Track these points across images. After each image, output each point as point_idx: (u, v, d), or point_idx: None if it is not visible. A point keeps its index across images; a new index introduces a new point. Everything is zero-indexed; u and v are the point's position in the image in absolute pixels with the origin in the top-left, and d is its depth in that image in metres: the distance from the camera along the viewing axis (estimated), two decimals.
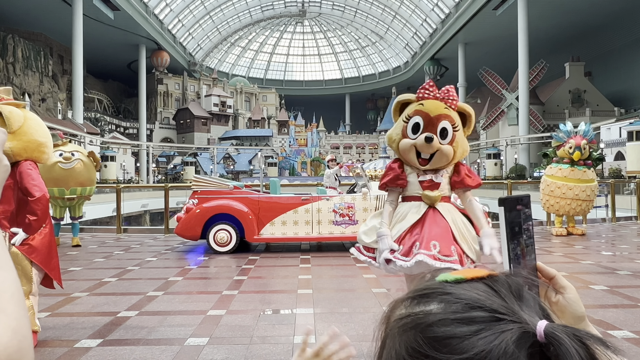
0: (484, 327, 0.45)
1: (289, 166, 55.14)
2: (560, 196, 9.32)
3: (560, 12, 41.24)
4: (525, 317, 0.47)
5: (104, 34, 46.46)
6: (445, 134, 2.92)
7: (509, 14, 40.05)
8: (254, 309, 4.60)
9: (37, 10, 41.27)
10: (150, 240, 10.00)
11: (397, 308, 0.54)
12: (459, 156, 3.03)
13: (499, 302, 0.48)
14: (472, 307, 0.47)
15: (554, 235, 9.75)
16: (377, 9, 64.26)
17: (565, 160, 9.37)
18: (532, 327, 0.45)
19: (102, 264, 7.05)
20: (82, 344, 3.62)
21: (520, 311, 0.47)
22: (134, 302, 4.87)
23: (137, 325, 4.09)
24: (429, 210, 3.00)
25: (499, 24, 43.32)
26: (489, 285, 0.51)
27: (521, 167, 38.97)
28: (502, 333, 0.44)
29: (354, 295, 5.12)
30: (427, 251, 2.82)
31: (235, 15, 67.37)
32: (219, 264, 7.14)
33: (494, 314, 0.46)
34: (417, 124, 2.94)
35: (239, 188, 8.53)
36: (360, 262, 6.92)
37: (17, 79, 42.18)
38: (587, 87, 47.11)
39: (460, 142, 3.00)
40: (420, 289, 0.52)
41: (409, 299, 0.52)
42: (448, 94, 2.97)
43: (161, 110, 64.00)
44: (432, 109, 2.91)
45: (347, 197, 8.40)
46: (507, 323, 0.45)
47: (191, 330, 3.91)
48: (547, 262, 3.93)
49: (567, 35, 46.80)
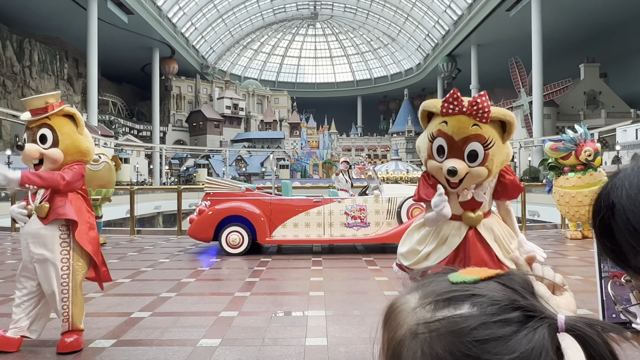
0: (521, 326, 0.47)
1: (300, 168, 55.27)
2: (578, 205, 9.20)
3: (575, 13, 40.76)
4: (547, 312, 0.49)
5: (118, 37, 46.97)
6: (475, 156, 2.55)
7: (522, 15, 39.67)
8: (265, 310, 4.60)
9: (53, 14, 41.88)
10: (163, 241, 10.08)
11: (410, 312, 0.53)
12: (495, 171, 2.69)
13: (523, 300, 0.50)
14: (507, 308, 0.48)
15: (568, 238, 9.64)
16: (389, 11, 64.15)
17: (579, 167, 9.21)
18: (555, 320, 0.48)
19: (115, 265, 7.11)
20: (97, 344, 3.66)
21: (541, 307, 0.50)
22: (147, 302, 4.90)
23: (150, 326, 4.12)
24: (470, 232, 2.77)
25: (513, 25, 42.91)
26: (504, 284, 0.52)
27: (535, 170, 38.53)
28: (537, 329, 0.47)
29: (366, 298, 5.10)
30: None
31: (248, 18, 67.72)
32: (231, 266, 7.16)
33: (525, 312, 0.48)
34: (440, 147, 2.60)
35: (251, 190, 8.56)
36: (374, 265, 6.93)
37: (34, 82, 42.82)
38: (603, 88, 46.51)
39: (497, 156, 2.61)
40: (443, 292, 0.52)
41: (431, 302, 0.52)
42: (478, 107, 2.48)
43: (174, 113, 64.52)
44: (456, 131, 2.51)
45: (359, 199, 8.39)
46: (537, 320, 0.48)
47: (204, 332, 3.93)
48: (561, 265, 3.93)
49: (581, 36, 46.21)
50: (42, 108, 3.49)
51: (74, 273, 3.53)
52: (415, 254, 2.83)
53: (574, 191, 9.20)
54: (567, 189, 9.32)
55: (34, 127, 3.49)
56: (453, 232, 2.77)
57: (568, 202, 9.35)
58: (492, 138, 2.54)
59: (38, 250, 3.44)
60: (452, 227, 2.77)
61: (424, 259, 2.78)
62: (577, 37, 46.40)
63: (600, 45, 47.46)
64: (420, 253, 2.81)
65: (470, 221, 2.75)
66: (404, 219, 7.91)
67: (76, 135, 3.61)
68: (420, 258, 2.80)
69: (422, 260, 2.79)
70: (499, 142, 2.59)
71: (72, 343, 3.46)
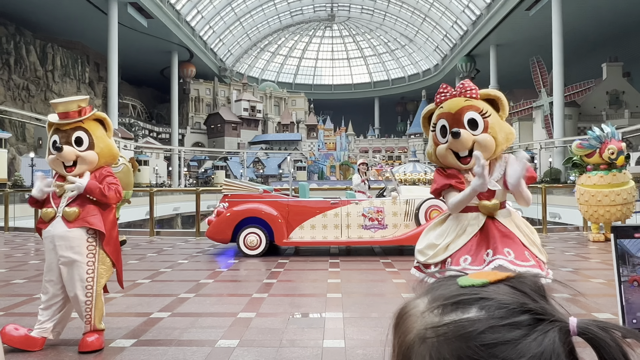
0: (530, 330, 0.46)
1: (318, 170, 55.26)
2: (597, 204, 9.01)
3: (597, 11, 39.97)
4: (558, 315, 0.49)
5: (138, 41, 47.65)
6: (476, 124, 2.70)
7: (542, 14, 39.05)
8: (283, 312, 4.61)
9: (74, 19, 42.68)
10: (182, 242, 10.17)
11: (418, 317, 0.53)
12: (502, 141, 2.76)
13: (533, 304, 0.49)
14: (515, 311, 0.48)
15: (590, 241, 9.45)
16: (406, 12, 63.82)
17: (602, 167, 9.03)
18: (566, 323, 0.48)
19: (135, 266, 7.20)
20: (117, 344, 3.70)
21: (552, 310, 0.49)
22: (166, 303, 4.95)
23: (169, 326, 4.16)
24: (489, 221, 2.77)
25: (533, 25, 42.31)
26: (515, 287, 0.51)
27: (556, 171, 37.90)
28: (547, 333, 0.46)
29: (384, 300, 5.08)
30: (503, 256, 2.60)
31: (265, 20, 68.07)
32: (248, 267, 7.19)
33: (534, 315, 0.48)
34: (443, 127, 2.78)
35: (268, 192, 8.59)
36: (391, 267, 6.89)
37: (56, 86, 43.71)
38: (626, 88, 45.54)
39: (499, 127, 2.75)
40: (451, 296, 0.51)
41: (439, 307, 0.51)
42: (464, 87, 2.78)
43: (192, 115, 65.15)
44: (452, 107, 2.75)
45: (376, 201, 8.36)
46: (547, 323, 0.47)
47: (222, 333, 3.95)
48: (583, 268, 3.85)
49: (604, 35, 45.30)
50: (75, 112, 3.58)
51: (99, 276, 3.61)
52: (433, 248, 2.81)
53: (594, 190, 9.00)
54: (588, 187, 9.12)
55: (68, 130, 3.56)
56: (472, 222, 2.77)
57: (587, 200, 9.14)
58: (487, 109, 2.73)
59: (65, 252, 3.51)
60: (470, 217, 2.78)
61: (443, 251, 2.77)
62: (599, 36, 45.51)
63: (623, 43, 46.49)
64: (439, 246, 2.79)
65: (487, 210, 2.75)
66: (422, 221, 7.84)
67: (107, 139, 3.72)
68: (439, 250, 2.78)
69: (441, 253, 2.78)
70: (495, 115, 2.77)
71: (94, 342, 3.52)
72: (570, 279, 5.98)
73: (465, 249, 2.72)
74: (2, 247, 9.59)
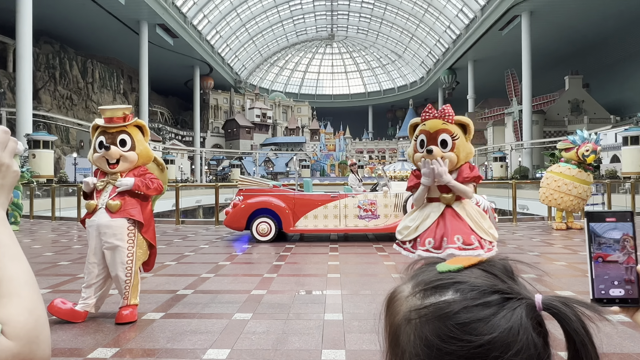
0: (500, 308, 0.46)
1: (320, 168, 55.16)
2: (566, 192, 9.02)
3: (560, 31, 39.80)
4: (524, 293, 0.48)
5: (165, 57, 47.54)
6: (446, 144, 3.11)
7: (513, 34, 38.91)
8: (290, 289, 4.62)
9: (111, 38, 42.63)
10: (203, 230, 10.19)
11: (404, 300, 0.52)
12: (463, 159, 3.19)
13: (502, 284, 0.48)
14: (486, 292, 0.47)
15: (554, 229, 9.44)
16: (396, 32, 63.54)
17: (573, 161, 9.06)
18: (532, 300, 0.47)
19: (163, 250, 7.22)
20: (149, 316, 3.72)
21: (519, 288, 0.48)
22: (190, 282, 4.97)
23: (192, 301, 4.17)
24: (447, 209, 3.21)
25: (505, 43, 42.10)
26: (486, 270, 0.50)
27: (524, 169, 37.83)
28: (515, 310, 0.45)
29: (376, 279, 5.09)
30: (453, 244, 3.05)
31: (274, 39, 67.90)
32: (260, 251, 7.20)
33: (503, 295, 0.47)
34: (422, 140, 3.18)
35: (277, 187, 8.60)
36: (383, 251, 6.90)
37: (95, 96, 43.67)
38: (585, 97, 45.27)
39: (462, 148, 3.14)
40: (430, 281, 0.51)
41: (420, 291, 0.51)
42: (444, 112, 3.13)
43: (212, 121, 65.08)
44: (432, 127, 3.13)
45: (370, 194, 8.35)
46: (515, 301, 0.46)
47: (237, 307, 3.96)
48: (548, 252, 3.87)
49: (566, 52, 45.15)
50: (121, 117, 3.62)
51: (137, 259, 3.64)
52: (407, 229, 3.29)
53: (558, 177, 9.11)
54: (554, 174, 9.22)
55: (114, 133, 3.60)
56: (434, 209, 3.24)
57: (549, 184, 9.23)
58: (457, 133, 3.14)
59: (109, 239, 3.54)
60: (433, 206, 3.26)
61: (414, 231, 3.26)
62: (563, 53, 45.37)
63: (582, 59, 46.32)
64: (410, 227, 3.28)
65: (445, 200, 3.21)
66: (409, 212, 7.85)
67: (145, 142, 3.75)
68: (411, 231, 3.28)
69: (412, 233, 3.27)
70: (463, 138, 3.17)
71: (129, 315, 3.54)
72: (536, 261, 5.97)
73: (430, 232, 3.17)
74: (50, 234, 9.63)
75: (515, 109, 42.07)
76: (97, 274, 3.61)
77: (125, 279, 3.57)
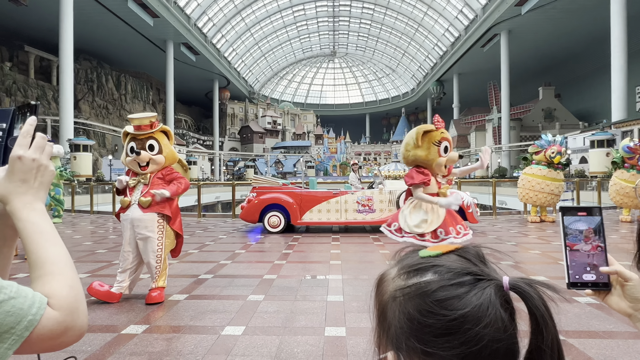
0: (472, 287, 0.46)
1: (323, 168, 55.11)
2: (540, 190, 9.03)
3: (535, 47, 39.56)
4: (494, 275, 0.49)
5: (188, 71, 47.62)
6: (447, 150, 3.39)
7: (493, 50, 38.79)
8: (297, 274, 4.62)
9: (142, 56, 42.78)
10: (222, 223, 10.21)
11: (390, 281, 0.53)
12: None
13: (474, 267, 0.49)
14: (460, 274, 0.48)
15: (529, 222, 9.39)
16: (390, 49, 63.33)
17: (543, 162, 9.05)
18: (500, 281, 0.48)
19: (187, 240, 7.24)
20: (174, 298, 3.74)
21: (490, 271, 0.49)
22: (210, 267, 4.98)
23: (212, 284, 4.19)
24: None
25: (486, 58, 41.93)
26: (461, 256, 0.51)
27: (503, 169, 37.68)
28: (485, 289, 0.46)
29: (373, 266, 5.09)
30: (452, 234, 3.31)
31: (284, 56, 67.86)
32: (271, 241, 7.20)
33: (475, 276, 0.48)
34: (446, 147, 3.36)
35: (286, 185, 8.60)
36: (378, 241, 6.89)
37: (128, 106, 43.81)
38: (557, 106, 44.90)
39: None
40: (413, 264, 0.52)
41: (404, 273, 0.51)
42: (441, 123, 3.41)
43: (229, 127, 65.10)
44: (448, 135, 3.39)
45: (367, 191, 8.34)
46: (485, 281, 0.47)
47: (251, 290, 3.97)
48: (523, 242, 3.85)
49: (541, 66, 44.90)
50: (148, 125, 3.62)
51: (165, 248, 3.65)
52: (425, 223, 3.36)
53: (531, 177, 9.17)
54: (528, 175, 9.25)
55: (143, 139, 3.60)
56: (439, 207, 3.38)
57: (524, 185, 9.27)
58: None
59: (142, 231, 3.56)
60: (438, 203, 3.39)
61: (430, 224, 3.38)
62: (537, 66, 45.11)
63: (555, 72, 46.06)
64: (427, 221, 3.36)
65: (443, 195, 3.43)
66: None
67: (170, 146, 3.75)
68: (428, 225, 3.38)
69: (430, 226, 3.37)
70: None
71: (157, 297, 3.56)
72: (513, 250, 5.95)
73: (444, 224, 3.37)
74: (89, 226, 9.68)
75: (495, 116, 41.86)
76: (131, 260, 3.63)
77: (156, 265, 3.59)
